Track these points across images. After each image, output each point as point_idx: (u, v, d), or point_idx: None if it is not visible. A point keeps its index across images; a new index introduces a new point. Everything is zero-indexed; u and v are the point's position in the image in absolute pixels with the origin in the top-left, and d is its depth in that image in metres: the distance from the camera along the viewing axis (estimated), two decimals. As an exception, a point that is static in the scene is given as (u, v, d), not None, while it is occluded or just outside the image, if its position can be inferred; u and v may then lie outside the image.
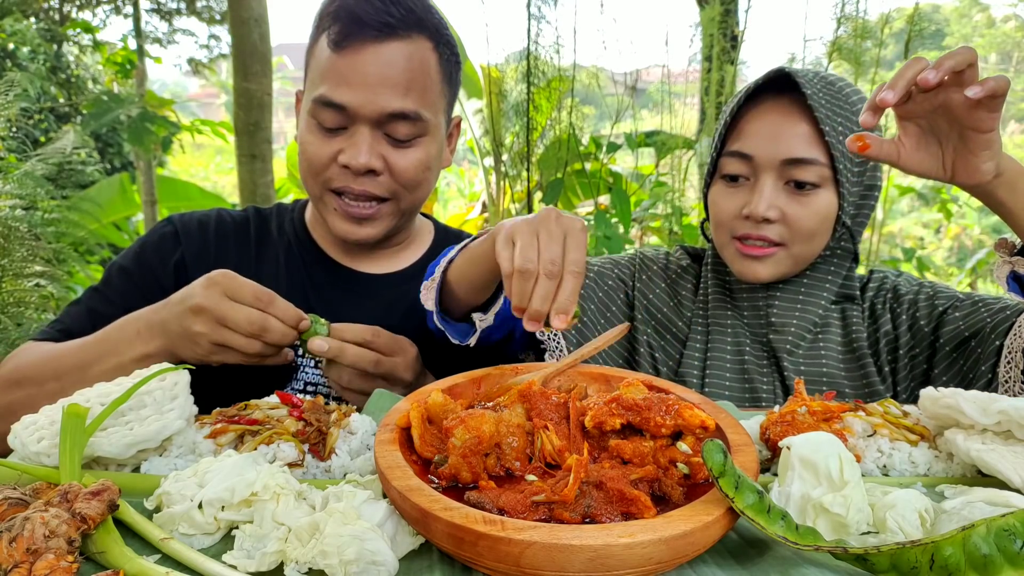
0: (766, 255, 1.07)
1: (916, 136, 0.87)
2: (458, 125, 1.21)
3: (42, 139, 5.57)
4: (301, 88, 1.13)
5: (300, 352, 1.13)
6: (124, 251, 1.17)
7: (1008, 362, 0.94)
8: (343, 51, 1.00)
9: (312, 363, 1.13)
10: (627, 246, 3.25)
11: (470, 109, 5.09)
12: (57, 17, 6.74)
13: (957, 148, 0.85)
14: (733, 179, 1.09)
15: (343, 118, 1.02)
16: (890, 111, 0.85)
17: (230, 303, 0.88)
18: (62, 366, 0.93)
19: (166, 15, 7.47)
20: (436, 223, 1.34)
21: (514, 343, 1.10)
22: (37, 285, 2.96)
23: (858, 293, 1.16)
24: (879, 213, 3.64)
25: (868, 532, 0.60)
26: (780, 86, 1.07)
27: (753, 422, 0.81)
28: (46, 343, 1.01)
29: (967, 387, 0.87)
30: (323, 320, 0.97)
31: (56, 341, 1.02)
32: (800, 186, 1.04)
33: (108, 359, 0.91)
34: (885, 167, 1.13)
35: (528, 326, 0.75)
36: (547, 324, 0.75)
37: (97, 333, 0.95)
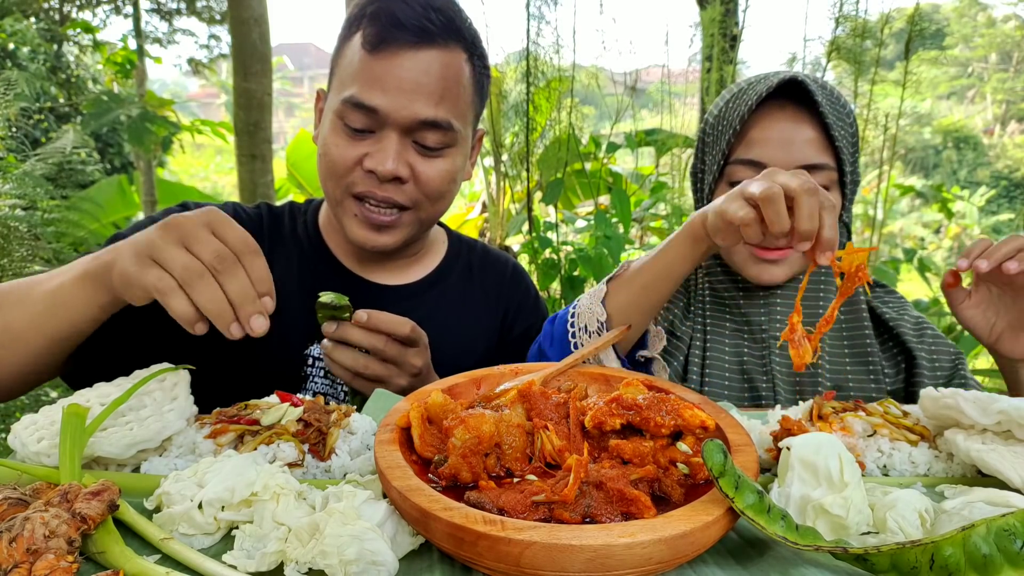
0: (782, 257, 1.10)
1: (983, 296, 1.01)
2: (481, 138, 1.18)
3: (42, 139, 5.57)
4: (324, 87, 1.11)
5: (311, 362, 1.12)
6: (129, 226, 1.09)
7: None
8: (379, 53, 0.97)
9: (322, 373, 1.12)
10: (627, 246, 3.25)
11: (470, 109, 5.08)
12: (57, 17, 6.75)
13: (1011, 323, 0.99)
14: None
15: (372, 121, 0.99)
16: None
17: (208, 232, 0.76)
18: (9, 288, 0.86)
19: (166, 15, 7.48)
20: (449, 231, 1.32)
21: None
22: (37, 285, 2.96)
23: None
24: (879, 213, 3.64)
25: (868, 532, 0.60)
26: (782, 92, 1.08)
27: (766, 429, 0.80)
28: None
29: None
30: (346, 301, 0.93)
31: None
32: None
33: (51, 278, 0.84)
34: (876, 164, 1.16)
35: (798, 247, 0.78)
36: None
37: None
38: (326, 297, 0.93)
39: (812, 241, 0.76)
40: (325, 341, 0.96)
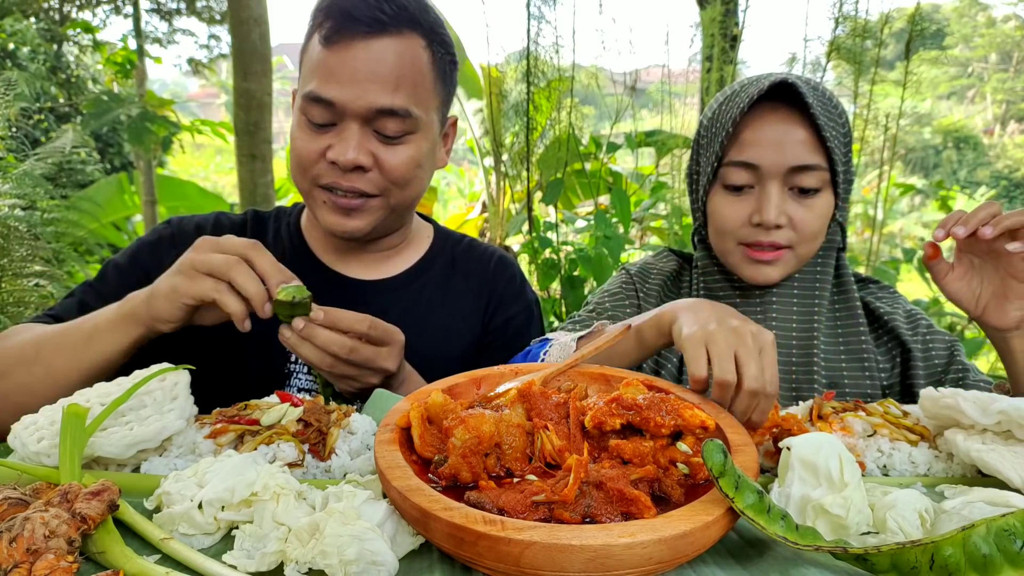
0: (776, 258, 1.10)
1: (966, 268, 1.02)
2: (454, 125, 1.19)
3: (42, 139, 5.57)
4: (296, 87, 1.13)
5: (295, 359, 1.12)
6: (123, 249, 1.17)
7: None
8: (333, 47, 0.99)
9: (306, 369, 1.12)
10: (627, 246, 3.25)
11: (470, 109, 5.09)
12: (57, 17, 6.75)
13: (995, 292, 1.00)
14: (737, 189, 1.10)
15: (332, 114, 1.01)
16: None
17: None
18: (41, 349, 0.93)
19: (166, 15, 7.48)
20: (437, 227, 1.32)
21: None
22: (37, 285, 2.96)
23: (853, 282, 1.19)
24: (879, 213, 3.64)
25: (868, 532, 0.60)
26: (774, 94, 1.08)
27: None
28: (36, 325, 1.01)
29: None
30: (304, 290, 0.88)
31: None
32: (804, 191, 1.08)
33: (83, 321, 0.93)
34: (868, 164, 1.16)
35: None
36: None
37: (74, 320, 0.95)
38: (284, 294, 0.86)
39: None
40: (284, 330, 0.91)
